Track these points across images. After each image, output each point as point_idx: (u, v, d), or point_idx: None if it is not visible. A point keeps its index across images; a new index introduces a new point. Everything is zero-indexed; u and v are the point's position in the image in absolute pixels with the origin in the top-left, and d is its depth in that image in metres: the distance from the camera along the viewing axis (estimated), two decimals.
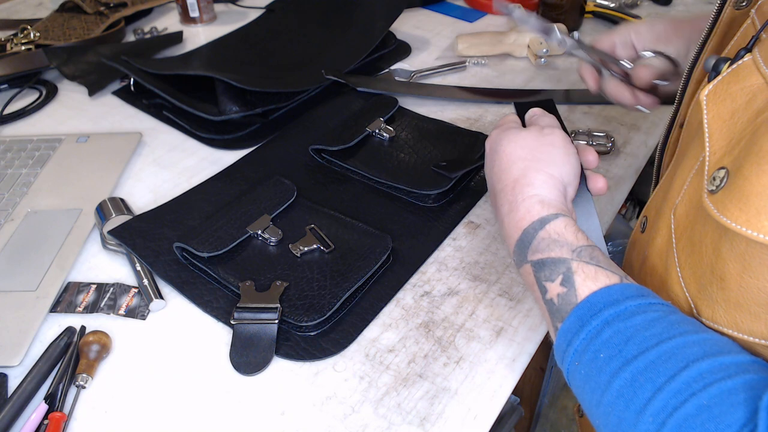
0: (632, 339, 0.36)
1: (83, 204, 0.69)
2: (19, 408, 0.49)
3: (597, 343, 0.37)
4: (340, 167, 0.73)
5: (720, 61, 0.38)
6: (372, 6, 1.02)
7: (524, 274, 0.45)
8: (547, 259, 0.42)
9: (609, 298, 0.38)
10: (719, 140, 0.36)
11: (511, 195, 0.47)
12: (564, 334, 0.39)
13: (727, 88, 0.37)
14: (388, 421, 0.48)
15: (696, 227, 0.38)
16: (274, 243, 0.61)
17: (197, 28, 1.10)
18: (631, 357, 0.35)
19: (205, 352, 0.54)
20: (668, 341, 0.35)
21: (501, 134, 0.51)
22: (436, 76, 0.93)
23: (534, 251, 0.43)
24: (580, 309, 0.39)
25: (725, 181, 0.34)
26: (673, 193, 0.43)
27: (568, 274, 0.40)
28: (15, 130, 0.85)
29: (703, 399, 0.31)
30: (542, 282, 0.42)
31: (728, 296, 0.36)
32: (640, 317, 0.37)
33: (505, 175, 0.48)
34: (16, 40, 1.00)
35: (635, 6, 1.10)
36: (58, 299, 0.59)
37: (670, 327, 0.36)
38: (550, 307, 0.41)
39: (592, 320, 0.38)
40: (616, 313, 0.37)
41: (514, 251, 0.45)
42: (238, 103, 0.79)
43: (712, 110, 0.37)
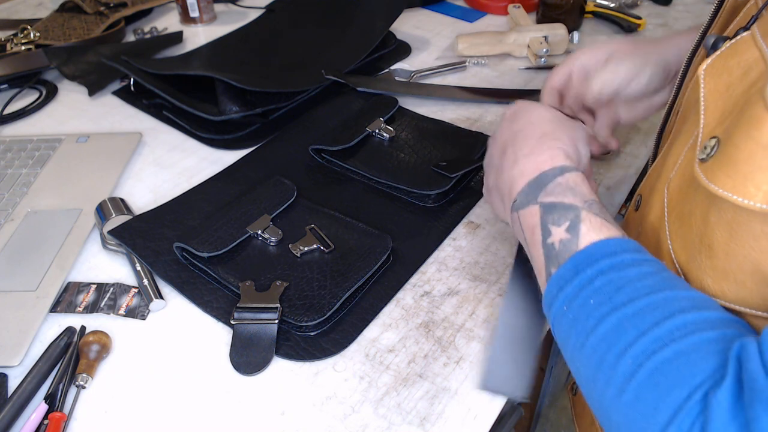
0: (624, 288, 0.37)
1: (83, 204, 0.69)
2: (19, 408, 0.49)
3: (589, 289, 0.38)
4: (340, 167, 0.73)
5: (719, 40, 0.39)
6: (372, 6, 1.02)
7: (525, 215, 0.45)
8: (558, 203, 0.43)
9: (607, 249, 0.39)
10: (714, 112, 0.37)
11: (536, 141, 0.48)
12: (557, 280, 0.40)
13: (724, 62, 0.37)
14: (388, 421, 0.48)
15: (687, 198, 0.39)
16: (274, 243, 0.61)
17: (197, 28, 1.10)
18: (620, 304, 0.36)
19: (205, 352, 0.54)
20: (658, 293, 0.36)
21: (531, 103, 0.53)
22: (436, 76, 0.93)
23: (548, 194, 0.44)
24: (576, 257, 0.40)
25: (716, 150, 0.35)
26: (667, 169, 0.43)
27: (575, 222, 0.41)
28: (15, 130, 0.85)
29: (682, 345, 0.33)
30: (548, 225, 0.42)
31: (715, 264, 0.36)
32: (635, 270, 0.38)
33: (532, 127, 0.49)
34: (16, 40, 1.00)
35: (635, 6, 1.10)
36: (58, 299, 0.59)
37: (662, 281, 0.37)
38: (548, 251, 0.42)
39: (587, 269, 0.39)
40: (611, 263, 0.38)
41: (522, 191, 0.45)
42: (238, 103, 0.79)
43: (709, 84, 0.37)
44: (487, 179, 0.54)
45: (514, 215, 0.46)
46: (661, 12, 1.09)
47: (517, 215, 0.46)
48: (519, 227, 0.46)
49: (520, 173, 0.46)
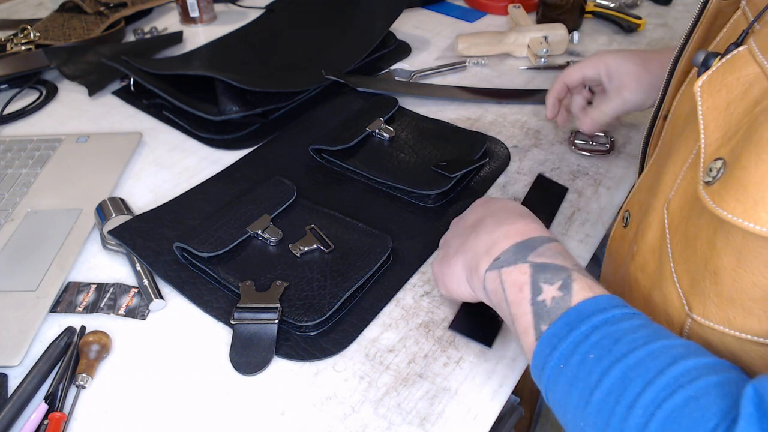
0: (621, 340, 0.36)
1: (83, 204, 0.69)
2: (19, 408, 0.49)
3: (586, 345, 0.37)
4: (340, 167, 0.73)
5: (710, 56, 0.38)
6: (372, 6, 1.02)
7: (511, 272, 0.44)
8: (550, 264, 0.43)
9: (597, 305, 0.39)
10: (714, 131, 0.36)
11: (519, 216, 0.49)
12: (549, 338, 0.39)
13: (722, 78, 0.36)
14: (388, 421, 0.48)
15: (690, 221, 0.38)
16: (274, 243, 0.61)
17: (197, 28, 1.10)
18: (620, 355, 0.35)
19: (205, 352, 0.54)
20: (656, 342, 0.35)
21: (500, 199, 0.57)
22: (436, 76, 0.93)
23: (538, 255, 0.44)
24: (568, 314, 0.39)
25: (722, 172, 0.34)
26: (665, 188, 0.42)
27: (567, 281, 0.41)
28: (15, 130, 0.85)
29: (690, 391, 0.32)
30: (539, 283, 0.42)
31: (721, 291, 0.35)
32: (627, 323, 0.37)
33: (513, 207, 0.51)
34: (16, 40, 1.00)
35: (635, 6, 1.10)
36: (58, 299, 0.59)
37: (656, 332, 0.36)
38: (538, 309, 0.41)
39: (580, 325, 0.38)
40: (604, 318, 0.38)
41: (507, 250, 0.45)
42: (238, 103, 0.79)
43: (707, 101, 0.36)
44: (444, 250, 0.54)
45: (492, 273, 0.45)
46: (661, 12, 1.09)
47: (497, 273, 0.45)
48: (498, 285, 0.44)
49: (505, 235, 0.46)
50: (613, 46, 0.99)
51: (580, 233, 0.65)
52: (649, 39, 1.01)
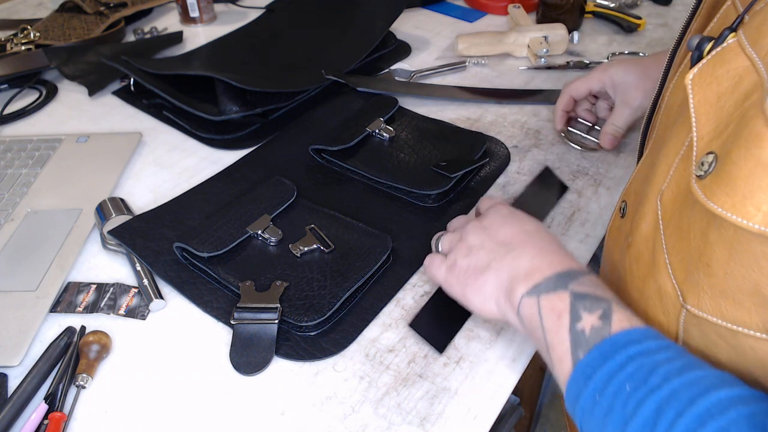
0: (656, 371, 0.36)
1: (83, 204, 0.69)
2: (19, 408, 0.49)
3: (621, 376, 0.37)
4: (340, 167, 0.73)
5: (704, 41, 0.38)
6: (372, 6, 1.02)
7: (551, 299, 0.43)
8: (591, 294, 0.42)
9: (632, 336, 0.39)
10: (706, 124, 0.36)
11: (558, 248, 0.48)
12: (584, 368, 0.39)
13: (712, 71, 0.36)
14: (388, 421, 0.48)
15: (684, 213, 0.38)
16: (274, 243, 0.61)
17: (197, 28, 1.10)
18: (655, 386, 0.35)
19: (205, 352, 0.54)
20: (689, 372, 0.35)
21: None
22: (436, 76, 0.93)
23: (580, 284, 0.43)
24: (603, 345, 0.39)
25: (713, 166, 0.34)
26: (658, 179, 0.42)
27: (608, 311, 0.41)
28: (15, 130, 0.85)
29: (721, 422, 0.32)
30: (579, 310, 0.41)
31: (714, 283, 0.36)
32: (662, 354, 0.37)
33: (549, 237, 0.50)
34: (16, 40, 1.00)
35: (635, 6, 1.10)
36: (58, 299, 0.59)
37: (691, 363, 0.37)
38: (577, 337, 0.41)
39: (615, 355, 0.38)
40: (639, 350, 0.38)
41: (549, 277, 0.44)
42: (238, 103, 0.79)
43: (698, 94, 0.37)
44: (464, 256, 0.51)
45: (530, 299, 0.44)
46: (661, 12, 1.09)
47: (536, 299, 0.44)
48: (535, 312, 0.44)
49: (548, 264, 0.46)
50: (613, 47, 0.99)
51: (580, 233, 0.65)
52: (649, 39, 1.01)
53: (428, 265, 0.54)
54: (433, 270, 0.54)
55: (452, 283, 0.52)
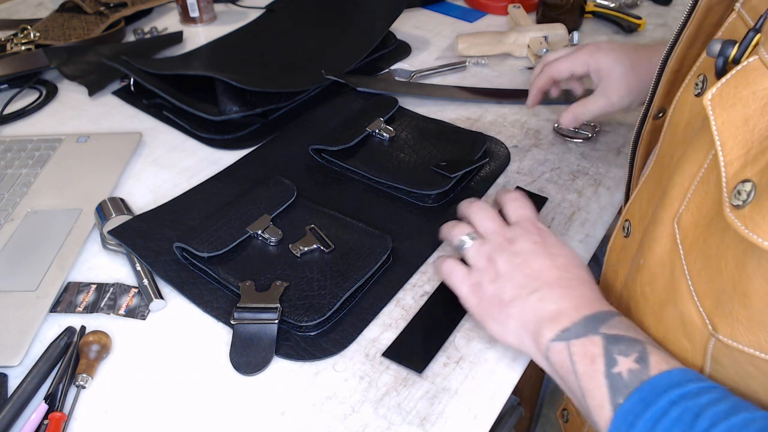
0: (702, 414, 0.35)
1: (83, 204, 0.69)
2: (19, 408, 0.49)
3: (666, 421, 0.36)
4: (340, 167, 0.73)
5: (727, 45, 0.36)
6: (372, 6, 1.02)
7: (583, 344, 0.42)
8: (624, 336, 0.41)
9: (672, 380, 0.38)
10: (734, 149, 0.34)
11: (588, 288, 0.47)
12: (625, 414, 0.38)
13: (735, 92, 0.35)
14: (388, 421, 0.48)
15: (711, 240, 0.37)
16: (274, 243, 0.61)
17: (197, 28, 1.10)
18: (703, 430, 0.34)
19: (205, 352, 0.54)
20: (737, 415, 0.35)
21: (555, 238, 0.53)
22: (436, 76, 0.93)
23: (610, 327, 0.42)
24: (642, 390, 0.38)
25: (753, 195, 0.32)
26: (672, 201, 0.41)
27: (644, 354, 0.40)
28: (15, 130, 0.85)
29: None
30: (614, 354, 0.40)
31: (752, 314, 0.34)
32: (706, 397, 0.36)
33: (575, 269, 0.49)
34: (16, 40, 1.00)
35: (635, 6, 1.10)
36: (58, 299, 0.59)
37: (737, 405, 0.36)
38: (614, 382, 0.39)
39: (658, 400, 0.37)
40: (681, 393, 0.37)
41: (577, 322, 0.44)
42: (238, 103, 0.79)
43: (720, 116, 0.35)
44: (490, 281, 0.50)
45: (559, 345, 0.43)
46: (661, 12, 1.09)
47: (565, 345, 0.43)
48: (566, 358, 0.43)
49: (575, 307, 0.45)
50: None
51: (580, 233, 0.65)
52: (649, 39, 1.01)
53: (448, 273, 0.52)
54: (455, 282, 0.52)
55: (472, 304, 0.51)
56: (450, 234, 0.55)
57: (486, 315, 0.49)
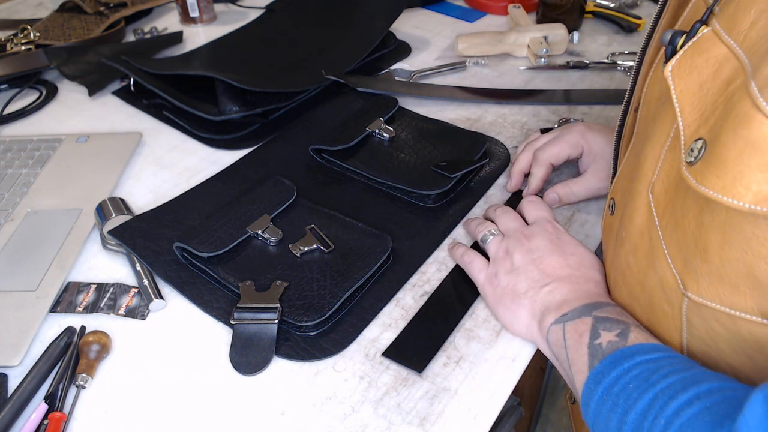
0: (658, 371, 0.39)
1: (83, 204, 0.69)
2: (19, 408, 0.49)
3: (627, 377, 0.40)
4: (340, 167, 0.73)
5: (676, 35, 0.39)
6: (372, 6, 1.02)
7: (575, 324, 0.47)
8: (612, 318, 0.46)
9: (642, 348, 0.42)
10: (691, 113, 0.37)
11: (594, 279, 0.52)
12: (595, 375, 0.42)
13: (691, 61, 0.37)
14: (388, 421, 0.48)
15: (677, 202, 0.39)
16: (274, 243, 0.61)
17: (197, 28, 1.10)
18: (655, 381, 0.38)
19: (205, 352, 0.54)
20: (689, 371, 0.38)
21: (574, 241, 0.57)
22: (436, 76, 0.93)
23: (602, 311, 0.47)
24: (614, 355, 0.42)
25: (703, 152, 0.35)
26: (646, 172, 0.43)
27: (626, 330, 0.44)
28: (15, 130, 0.85)
29: (707, 403, 0.34)
30: (599, 330, 0.45)
31: (711, 269, 0.36)
32: (667, 360, 0.40)
33: (588, 264, 0.54)
34: (16, 40, 1.00)
35: (635, 6, 1.10)
36: (58, 299, 0.59)
37: (692, 365, 0.39)
38: (594, 350, 0.44)
39: (624, 362, 0.41)
40: (647, 358, 0.41)
41: (576, 308, 0.48)
42: (238, 103, 0.79)
43: (679, 84, 0.38)
44: (507, 274, 0.54)
45: (557, 327, 0.48)
46: None
47: (562, 326, 0.48)
48: (560, 336, 0.48)
49: (577, 298, 0.50)
50: (613, 47, 0.99)
51: (580, 233, 0.65)
52: None
53: (469, 262, 0.58)
54: (474, 271, 0.57)
55: (487, 292, 0.55)
56: (476, 230, 0.60)
57: (499, 303, 0.54)
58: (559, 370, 0.49)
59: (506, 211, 0.61)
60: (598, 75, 0.92)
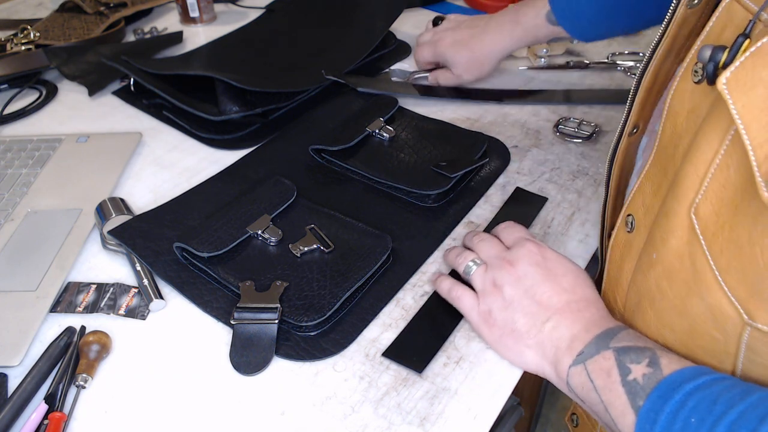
0: (718, 400, 0.36)
1: (83, 204, 0.69)
2: (19, 408, 0.49)
3: (685, 411, 0.37)
4: (340, 167, 0.73)
5: (717, 50, 0.36)
6: (372, 6, 1.03)
7: (597, 361, 0.44)
8: (633, 347, 0.43)
9: (685, 376, 0.39)
10: (761, 131, 0.33)
11: (596, 309, 0.49)
12: (647, 414, 0.40)
13: (752, 73, 0.33)
14: (388, 421, 0.48)
15: (741, 227, 0.36)
16: (274, 243, 0.61)
17: (197, 28, 1.10)
18: (721, 413, 0.35)
19: (205, 352, 0.54)
20: (752, 395, 0.36)
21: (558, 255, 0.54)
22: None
23: (620, 340, 0.44)
24: (659, 388, 0.40)
25: None
26: (685, 191, 0.40)
27: (654, 358, 0.42)
28: (15, 130, 0.85)
29: None
30: (626, 364, 0.42)
31: None
32: (719, 385, 0.38)
33: (581, 282, 0.52)
34: (16, 40, 1.00)
35: None
36: (58, 299, 0.59)
37: (750, 388, 0.37)
38: (631, 388, 0.41)
39: (674, 394, 0.38)
40: (695, 385, 0.38)
41: (589, 343, 0.46)
42: (238, 103, 0.79)
43: (739, 99, 0.33)
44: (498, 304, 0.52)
45: (577, 368, 0.45)
46: None
47: (582, 367, 0.45)
48: (585, 378, 0.45)
49: (586, 329, 0.47)
50: (612, 47, 0.99)
51: (580, 233, 0.65)
52: (649, 39, 1.01)
53: (457, 298, 0.54)
54: (465, 309, 0.54)
55: (484, 332, 0.53)
56: (456, 261, 0.57)
57: (500, 345, 0.52)
58: (590, 412, 0.46)
59: (483, 238, 0.58)
60: (598, 75, 0.92)
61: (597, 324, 0.47)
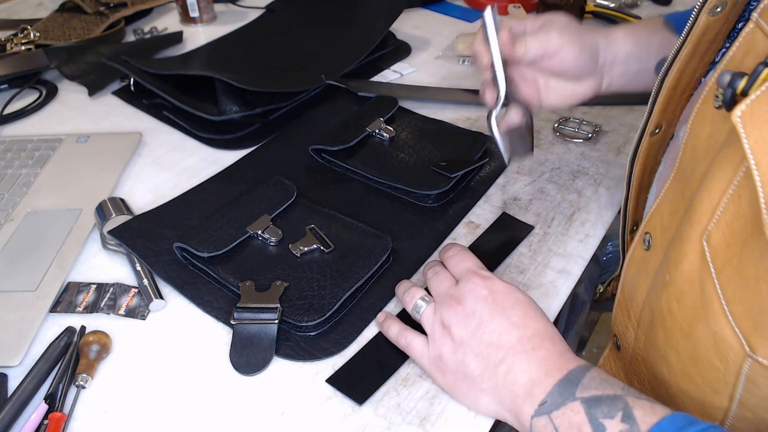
0: None
1: (83, 204, 0.69)
2: (19, 408, 0.49)
3: None
4: (340, 167, 0.73)
5: (736, 77, 0.35)
6: (372, 6, 1.03)
7: (565, 414, 0.41)
8: (602, 396, 0.41)
9: (673, 426, 0.37)
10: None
11: (542, 332, 0.46)
12: None
13: (767, 108, 0.33)
14: (388, 421, 0.48)
15: (748, 261, 0.36)
16: (274, 243, 0.61)
17: (197, 28, 1.10)
18: None
19: (205, 352, 0.54)
20: None
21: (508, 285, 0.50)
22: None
23: (585, 388, 0.42)
24: None
25: None
26: (699, 218, 0.39)
27: (627, 411, 0.39)
28: (15, 130, 0.85)
29: None
30: (599, 419, 0.40)
31: None
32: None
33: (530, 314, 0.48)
34: (16, 40, 1.00)
35: (635, 6, 1.10)
36: (58, 299, 0.59)
37: None
38: None
39: None
40: None
41: (551, 391, 0.43)
42: (238, 103, 0.79)
43: (752, 133, 0.33)
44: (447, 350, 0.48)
45: (542, 420, 0.42)
46: (661, 12, 1.09)
47: (547, 419, 0.42)
48: (552, 430, 0.42)
49: (545, 373, 0.44)
50: None
51: (580, 233, 0.65)
52: None
53: (406, 346, 0.51)
54: (415, 356, 0.51)
55: (438, 379, 0.49)
56: (404, 299, 0.53)
57: (455, 391, 0.48)
58: None
59: (437, 272, 0.53)
60: None
61: (555, 365, 0.44)
